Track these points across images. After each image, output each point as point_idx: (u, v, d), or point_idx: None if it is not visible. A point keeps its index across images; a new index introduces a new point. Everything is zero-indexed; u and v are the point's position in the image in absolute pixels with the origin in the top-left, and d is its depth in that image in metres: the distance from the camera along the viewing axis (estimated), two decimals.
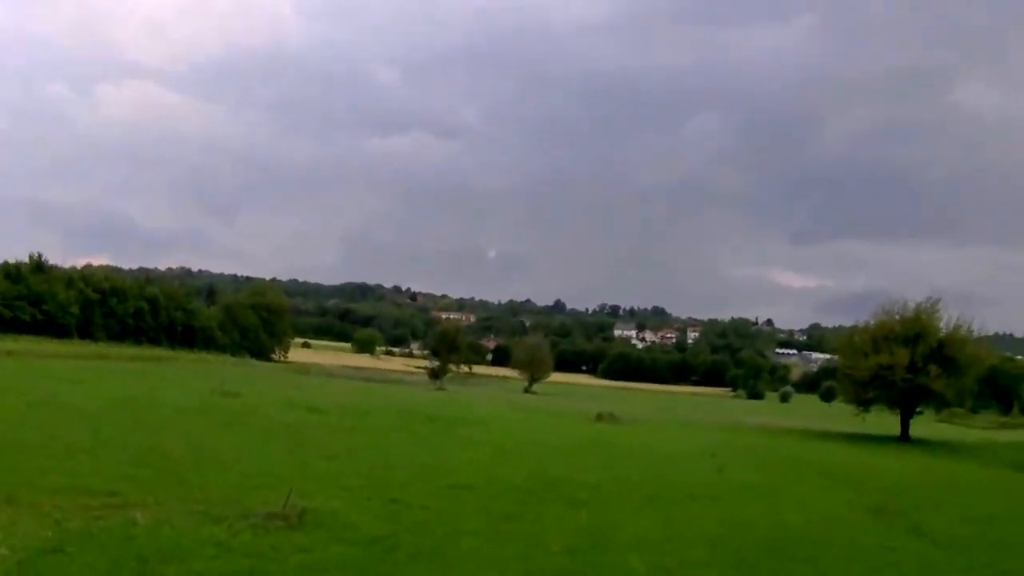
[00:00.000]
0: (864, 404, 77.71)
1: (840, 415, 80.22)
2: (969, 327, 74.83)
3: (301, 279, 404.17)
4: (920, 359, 72.19)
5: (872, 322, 78.64)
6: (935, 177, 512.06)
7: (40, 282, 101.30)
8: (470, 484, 30.21)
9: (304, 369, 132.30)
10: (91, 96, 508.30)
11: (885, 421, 77.04)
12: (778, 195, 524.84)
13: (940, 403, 75.98)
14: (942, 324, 75.05)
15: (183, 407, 44.16)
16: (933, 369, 71.26)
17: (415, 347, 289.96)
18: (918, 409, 77.01)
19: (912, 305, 75.88)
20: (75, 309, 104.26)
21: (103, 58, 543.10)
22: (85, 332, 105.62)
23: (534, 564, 19.98)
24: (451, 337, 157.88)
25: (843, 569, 21.19)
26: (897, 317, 75.83)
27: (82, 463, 26.30)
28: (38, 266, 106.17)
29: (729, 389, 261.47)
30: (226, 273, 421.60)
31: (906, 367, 70.99)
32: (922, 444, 70.35)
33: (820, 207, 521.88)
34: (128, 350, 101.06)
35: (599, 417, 73.67)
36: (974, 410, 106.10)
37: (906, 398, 74.41)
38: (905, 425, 75.83)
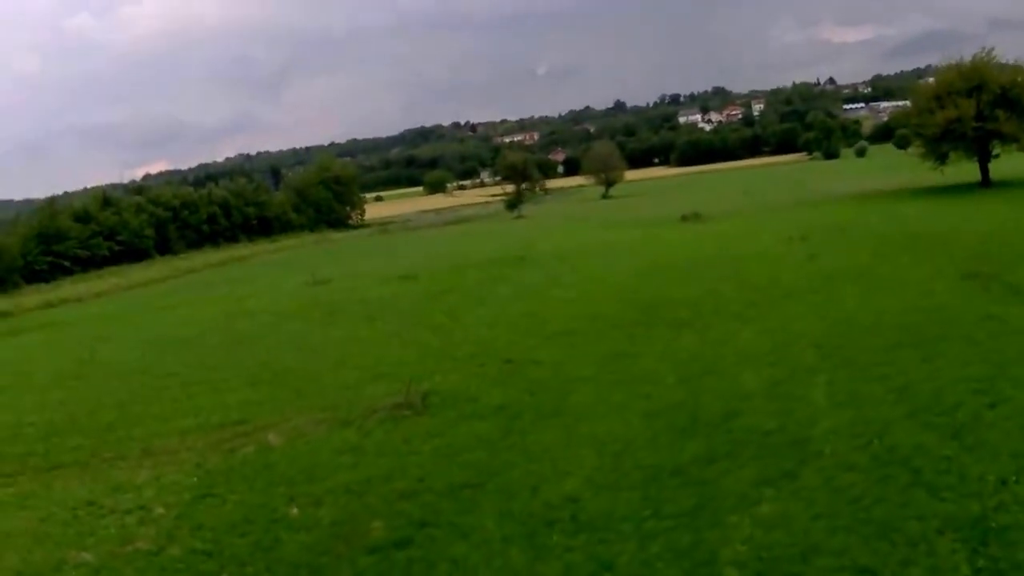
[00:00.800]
0: (941, 158, 76.84)
1: (918, 165, 78.90)
2: None
3: (360, 137, 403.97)
4: (986, 107, 71.54)
5: (932, 79, 78.06)
6: None
7: (110, 216, 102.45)
8: (574, 329, 30.71)
9: (384, 228, 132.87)
10: (116, 19, 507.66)
11: (964, 168, 75.89)
12: None
13: (1015, 143, 74.54)
14: (1001, 71, 73.90)
15: (280, 309, 44.90)
16: (1001, 114, 70.66)
17: (485, 176, 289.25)
18: (995, 152, 75.89)
19: (968, 57, 74.67)
20: (149, 232, 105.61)
21: None
22: (164, 249, 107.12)
23: (653, 402, 20.58)
24: (520, 167, 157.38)
25: (946, 350, 21.24)
26: (958, 72, 74.57)
27: (202, 397, 27.14)
28: (105, 201, 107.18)
29: (804, 154, 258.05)
30: (284, 149, 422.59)
31: (973, 117, 70.36)
32: (1006, 187, 69.37)
33: None
34: (210, 256, 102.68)
35: (684, 219, 73.63)
36: None
37: (980, 144, 73.54)
38: (985, 171, 74.99)
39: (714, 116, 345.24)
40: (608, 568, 12.69)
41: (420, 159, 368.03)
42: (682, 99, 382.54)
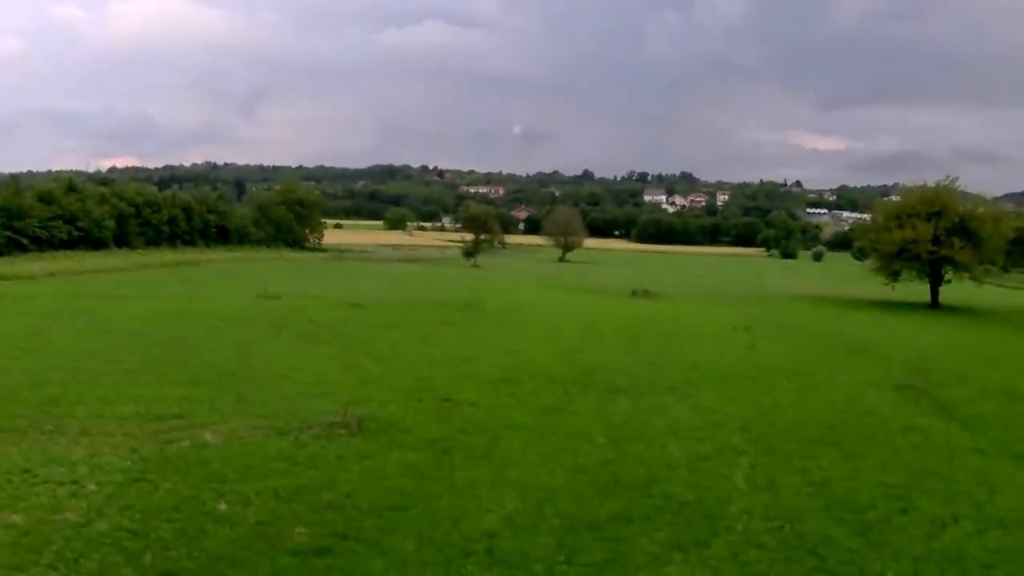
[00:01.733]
0: (893, 275, 78.95)
1: (872, 278, 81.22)
2: (988, 200, 76.82)
3: (328, 164, 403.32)
4: (943, 233, 73.91)
5: (896, 197, 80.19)
6: (956, 43, 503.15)
7: (73, 201, 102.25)
8: (514, 378, 31.42)
9: (340, 255, 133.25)
10: (103, 13, 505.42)
11: (915, 288, 77.89)
12: (800, 64, 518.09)
13: (966, 272, 76.73)
14: (959, 201, 76.43)
15: (229, 316, 45.37)
16: (956, 242, 72.98)
17: (446, 221, 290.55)
18: (947, 278, 78.22)
19: (932, 183, 76.96)
20: (110, 223, 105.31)
21: None
22: (122, 243, 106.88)
23: (580, 458, 21.32)
24: (482, 220, 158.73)
25: (868, 452, 22.14)
26: (919, 195, 76.81)
27: (144, 387, 27.41)
28: (70, 187, 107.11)
29: (762, 249, 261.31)
30: (252, 164, 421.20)
31: (930, 240, 72.59)
32: (952, 312, 71.68)
33: (842, 75, 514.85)
34: (166, 255, 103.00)
35: (634, 293, 74.96)
36: (1005, 268, 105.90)
37: (933, 268, 75.88)
38: (935, 293, 77.49)
39: (679, 199, 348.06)
40: None
41: (384, 195, 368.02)
42: (649, 178, 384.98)
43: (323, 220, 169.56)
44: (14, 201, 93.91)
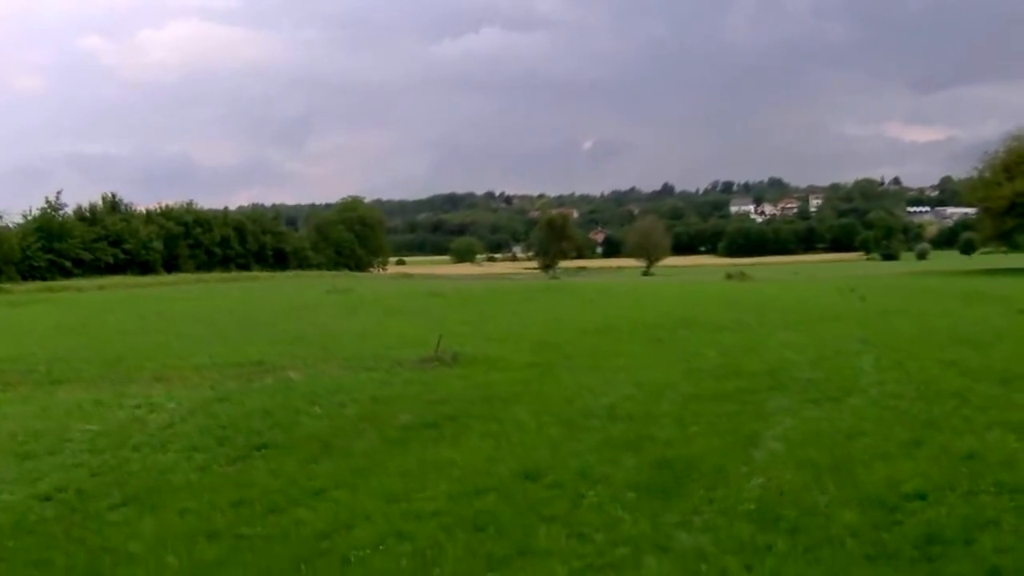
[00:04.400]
0: (1005, 236, 76.82)
1: (983, 264, 79.81)
2: None
3: (385, 198, 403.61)
4: None
5: (1001, 150, 76.77)
6: None
7: (117, 222, 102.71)
8: (613, 326, 31.86)
9: (408, 276, 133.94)
10: (131, 43, 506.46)
11: None
12: (891, 44, 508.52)
13: None
14: None
15: (299, 304, 45.82)
16: None
17: (518, 250, 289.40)
18: None
19: None
20: (158, 244, 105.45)
21: (140, 4, 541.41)
22: (171, 267, 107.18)
23: (694, 363, 22.10)
24: (559, 224, 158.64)
25: (998, 345, 23.56)
26: None
27: (217, 348, 27.83)
28: (113, 206, 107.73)
29: (861, 253, 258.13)
30: (303, 203, 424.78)
31: None
32: None
33: (938, 53, 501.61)
34: (223, 275, 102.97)
35: (729, 276, 74.70)
36: None
37: None
38: None
39: (768, 208, 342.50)
40: (649, 438, 13.44)
41: (448, 224, 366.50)
42: (735, 188, 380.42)
43: (388, 252, 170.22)
44: (53, 220, 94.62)
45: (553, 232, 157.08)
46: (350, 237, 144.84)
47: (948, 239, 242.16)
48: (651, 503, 10.57)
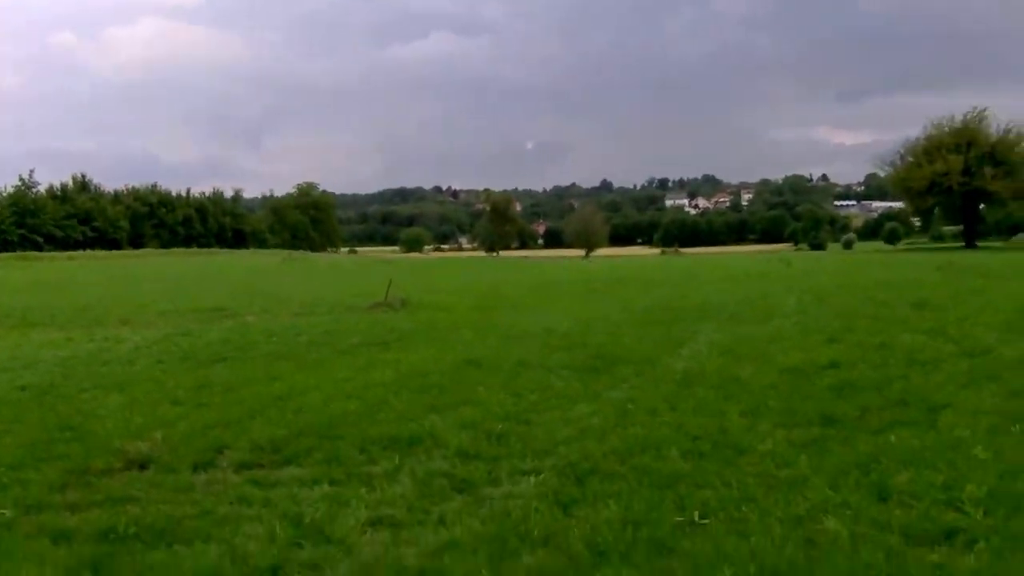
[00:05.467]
0: (925, 214, 79.11)
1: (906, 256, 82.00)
2: (1019, 131, 75.54)
3: (338, 192, 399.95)
4: (974, 162, 73.39)
5: (922, 136, 79.32)
6: (985, 22, 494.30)
7: (87, 201, 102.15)
8: (553, 282, 32.55)
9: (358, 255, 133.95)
10: (100, 41, 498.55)
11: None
12: (820, 56, 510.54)
13: (1000, 206, 76.43)
14: (992, 130, 75.90)
15: (257, 268, 45.95)
16: (988, 170, 72.70)
17: (464, 240, 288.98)
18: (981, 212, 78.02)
19: (960, 117, 76.69)
20: (124, 223, 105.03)
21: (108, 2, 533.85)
22: (137, 245, 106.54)
23: (627, 305, 22.60)
24: (502, 208, 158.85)
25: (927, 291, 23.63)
26: (946, 128, 76.54)
27: (179, 299, 27.95)
28: (83, 186, 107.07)
29: (790, 243, 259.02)
30: (259, 196, 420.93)
31: (961, 171, 72.23)
32: (987, 249, 71.32)
33: (865, 64, 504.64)
34: (186, 251, 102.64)
35: (663, 252, 75.81)
36: None
37: (967, 204, 75.50)
38: (970, 232, 76.84)
39: (701, 202, 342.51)
40: (582, 344, 13.87)
41: (398, 216, 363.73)
42: (670, 184, 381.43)
43: (341, 237, 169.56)
44: (26, 197, 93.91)
45: (497, 215, 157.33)
46: (305, 220, 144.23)
47: (873, 230, 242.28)
48: (584, 376, 11.21)
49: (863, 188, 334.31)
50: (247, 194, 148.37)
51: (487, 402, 9.56)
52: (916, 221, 79.16)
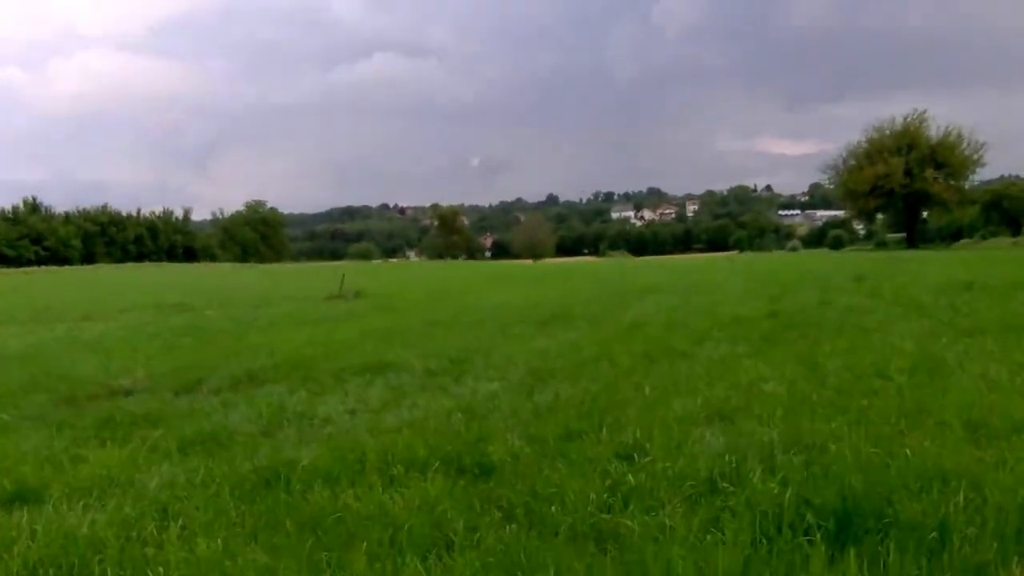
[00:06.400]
0: (867, 216, 79.49)
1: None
2: (959, 133, 76.04)
3: (286, 211, 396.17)
4: (915, 165, 73.32)
5: (864, 140, 79.31)
6: (921, 28, 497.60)
7: (39, 221, 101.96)
8: (500, 276, 33.30)
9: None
10: (43, 74, 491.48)
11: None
12: (761, 65, 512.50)
13: (943, 209, 76.85)
14: (932, 133, 76.32)
15: (212, 273, 46.64)
16: (930, 172, 72.48)
17: (412, 254, 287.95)
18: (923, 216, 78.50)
19: (900, 120, 77.14)
20: (76, 242, 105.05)
21: (52, 35, 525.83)
22: (89, 263, 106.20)
23: (571, 288, 23.02)
24: (450, 219, 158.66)
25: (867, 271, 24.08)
26: (887, 132, 76.86)
27: (137, 298, 28.09)
28: (34, 208, 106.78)
29: (735, 252, 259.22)
30: (207, 219, 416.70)
31: (903, 172, 72.49)
32: (923, 248, 72.07)
33: (807, 75, 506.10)
34: (138, 264, 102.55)
35: (609, 255, 76.16)
36: (984, 238, 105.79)
37: (909, 206, 75.92)
38: (911, 232, 77.26)
39: (647, 214, 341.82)
40: (535, 309, 14.25)
41: (346, 233, 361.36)
42: (616, 197, 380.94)
43: (287, 259, 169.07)
44: None
45: (445, 227, 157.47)
46: (255, 236, 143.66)
47: (818, 238, 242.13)
48: (539, 327, 11.67)
49: (807, 198, 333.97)
50: (197, 215, 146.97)
51: (449, 342, 10.02)
52: (860, 228, 78.87)
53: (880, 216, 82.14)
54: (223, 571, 3.63)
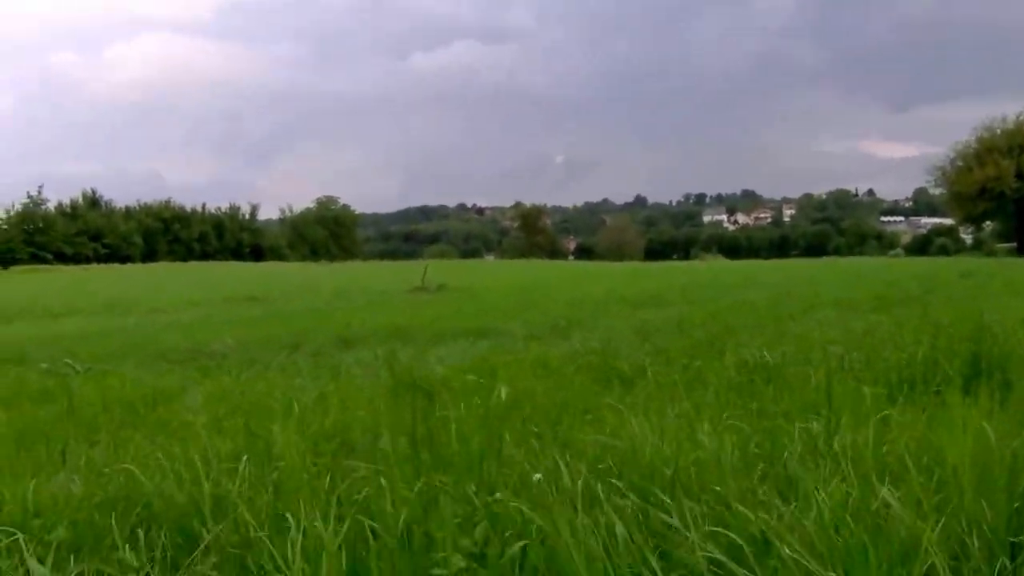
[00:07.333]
0: (975, 221, 77.64)
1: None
2: None
3: (358, 211, 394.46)
4: None
5: (973, 140, 77.17)
6: None
7: (98, 216, 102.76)
8: (589, 273, 32.77)
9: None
10: (102, 59, 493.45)
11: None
12: (864, 65, 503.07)
13: None
14: None
15: (285, 271, 47.03)
16: None
17: (491, 257, 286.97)
18: None
19: (1012, 118, 75.03)
20: (137, 239, 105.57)
21: (111, 18, 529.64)
22: (150, 260, 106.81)
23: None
24: (532, 220, 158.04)
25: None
26: (998, 131, 75.04)
27: (206, 292, 28.56)
28: (93, 202, 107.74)
29: (833, 258, 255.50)
30: (273, 219, 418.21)
31: (1014, 175, 70.50)
32: None
33: (912, 73, 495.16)
34: (203, 263, 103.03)
35: (702, 259, 75.46)
36: None
37: (1020, 211, 73.96)
38: (1022, 239, 75.18)
39: (741, 217, 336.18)
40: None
41: (421, 235, 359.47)
42: (708, 199, 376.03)
43: (362, 250, 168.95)
44: (35, 214, 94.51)
45: (527, 227, 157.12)
46: (325, 235, 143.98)
47: (922, 247, 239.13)
48: (645, 309, 11.75)
49: (911, 204, 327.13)
50: (264, 213, 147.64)
51: (547, 316, 10.20)
52: (967, 236, 76.58)
53: (988, 224, 79.93)
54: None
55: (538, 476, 3.08)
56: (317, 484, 3.05)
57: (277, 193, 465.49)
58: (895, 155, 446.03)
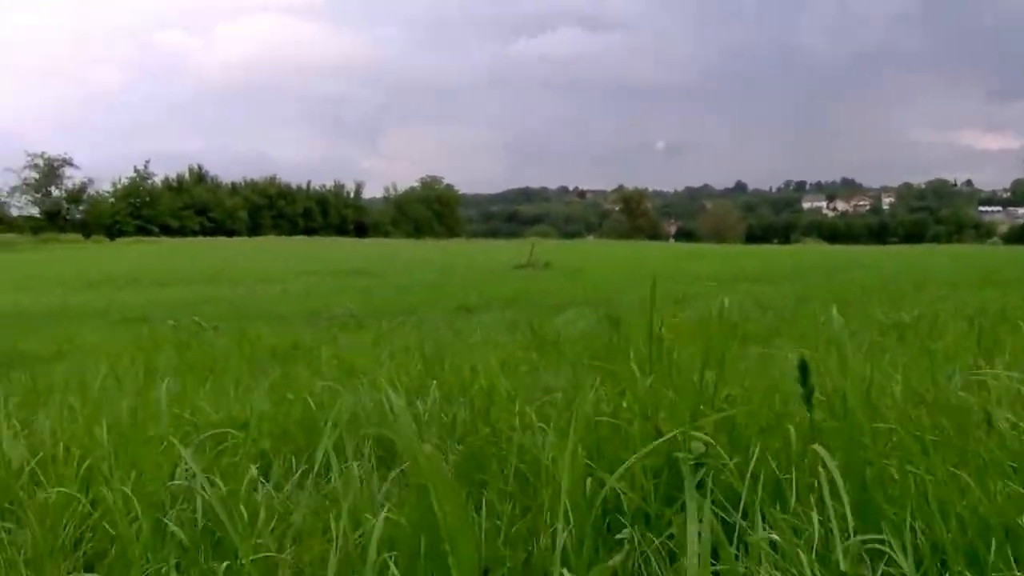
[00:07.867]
0: None
1: None
2: None
3: (461, 192, 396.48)
4: None
5: None
6: None
7: (204, 191, 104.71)
8: (699, 254, 32.71)
9: None
10: (210, 38, 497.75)
11: None
12: (967, 54, 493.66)
13: None
14: None
15: (387, 245, 46.97)
16: None
17: (591, 239, 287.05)
18: None
19: None
20: (243, 214, 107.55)
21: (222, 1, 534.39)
22: (255, 235, 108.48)
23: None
24: (634, 203, 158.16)
25: None
26: None
27: (314, 263, 28.88)
28: (200, 177, 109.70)
29: (933, 245, 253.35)
30: (377, 197, 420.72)
31: None
32: None
33: (1013, 63, 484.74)
34: (308, 239, 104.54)
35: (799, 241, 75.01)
36: None
37: None
38: None
39: (840, 204, 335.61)
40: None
41: (523, 216, 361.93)
42: (808, 186, 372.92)
43: (463, 237, 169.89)
44: (141, 187, 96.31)
45: (628, 210, 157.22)
46: (428, 214, 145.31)
47: (1019, 236, 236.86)
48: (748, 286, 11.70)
49: (1009, 195, 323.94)
50: (368, 192, 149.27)
51: (663, 290, 10.28)
52: None
53: None
54: None
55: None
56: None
57: (382, 172, 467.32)
58: (994, 146, 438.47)
